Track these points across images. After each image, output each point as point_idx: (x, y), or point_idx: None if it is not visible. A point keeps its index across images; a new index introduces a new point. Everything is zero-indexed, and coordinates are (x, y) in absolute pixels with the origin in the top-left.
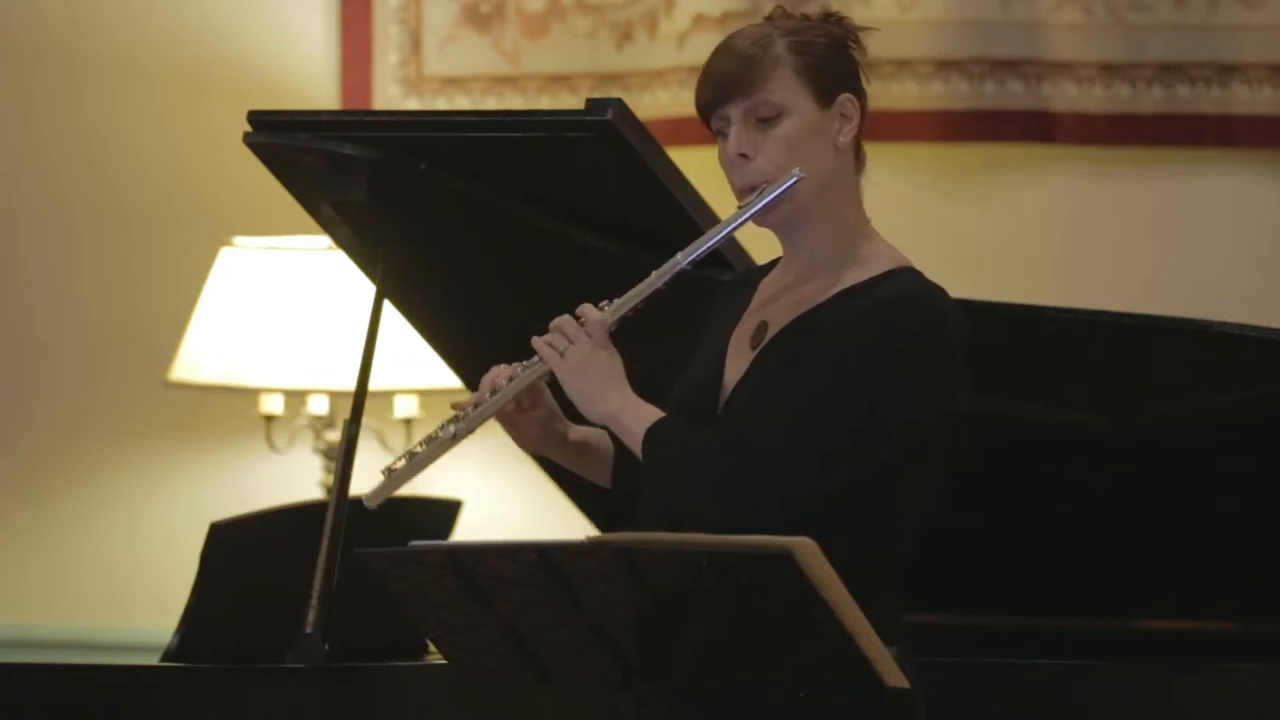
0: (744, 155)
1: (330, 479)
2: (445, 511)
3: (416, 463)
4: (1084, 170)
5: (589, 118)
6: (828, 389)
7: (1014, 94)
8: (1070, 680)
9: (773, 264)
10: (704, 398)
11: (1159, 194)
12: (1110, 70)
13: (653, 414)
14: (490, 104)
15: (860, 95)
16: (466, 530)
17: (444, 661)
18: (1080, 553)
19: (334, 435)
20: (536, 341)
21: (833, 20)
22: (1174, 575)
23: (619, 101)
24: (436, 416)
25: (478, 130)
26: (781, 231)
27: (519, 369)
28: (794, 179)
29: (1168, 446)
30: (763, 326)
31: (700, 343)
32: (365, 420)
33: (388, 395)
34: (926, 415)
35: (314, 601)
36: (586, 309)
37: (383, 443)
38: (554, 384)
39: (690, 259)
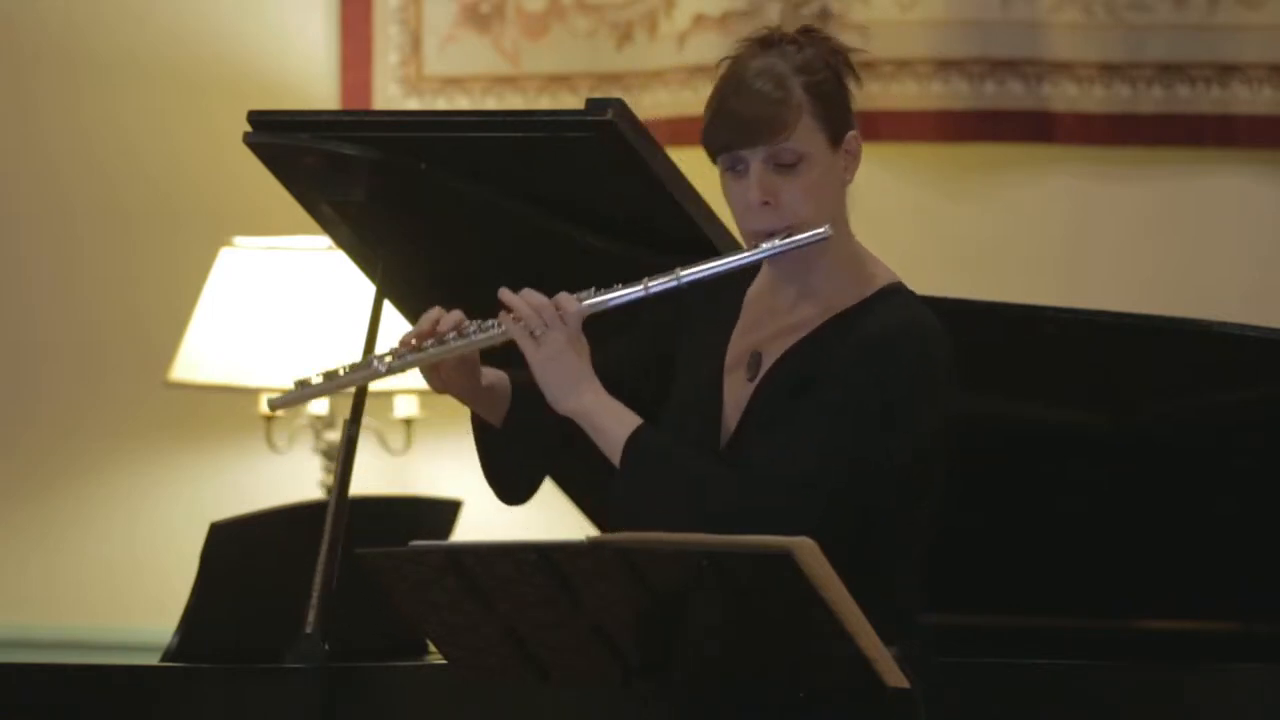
0: (767, 202)
1: (330, 479)
2: (445, 511)
3: (334, 385)
4: (1084, 170)
5: (589, 118)
6: (827, 428)
7: (1014, 94)
8: (1070, 680)
9: (757, 267)
10: (699, 424)
11: (1159, 194)
12: (1110, 70)
13: (628, 417)
14: (490, 104)
15: (855, 127)
16: (466, 530)
17: (444, 661)
18: (1080, 553)
19: (334, 435)
20: (506, 319)
21: (831, 45)
22: (1174, 575)
23: (619, 101)
24: (437, 416)
25: (478, 130)
26: (778, 267)
27: (470, 326)
28: (822, 235)
29: (1168, 446)
30: (756, 356)
31: (679, 349)
32: (365, 420)
33: (388, 395)
34: (925, 430)
35: (314, 601)
36: (564, 298)
37: (383, 443)
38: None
39: (688, 279)
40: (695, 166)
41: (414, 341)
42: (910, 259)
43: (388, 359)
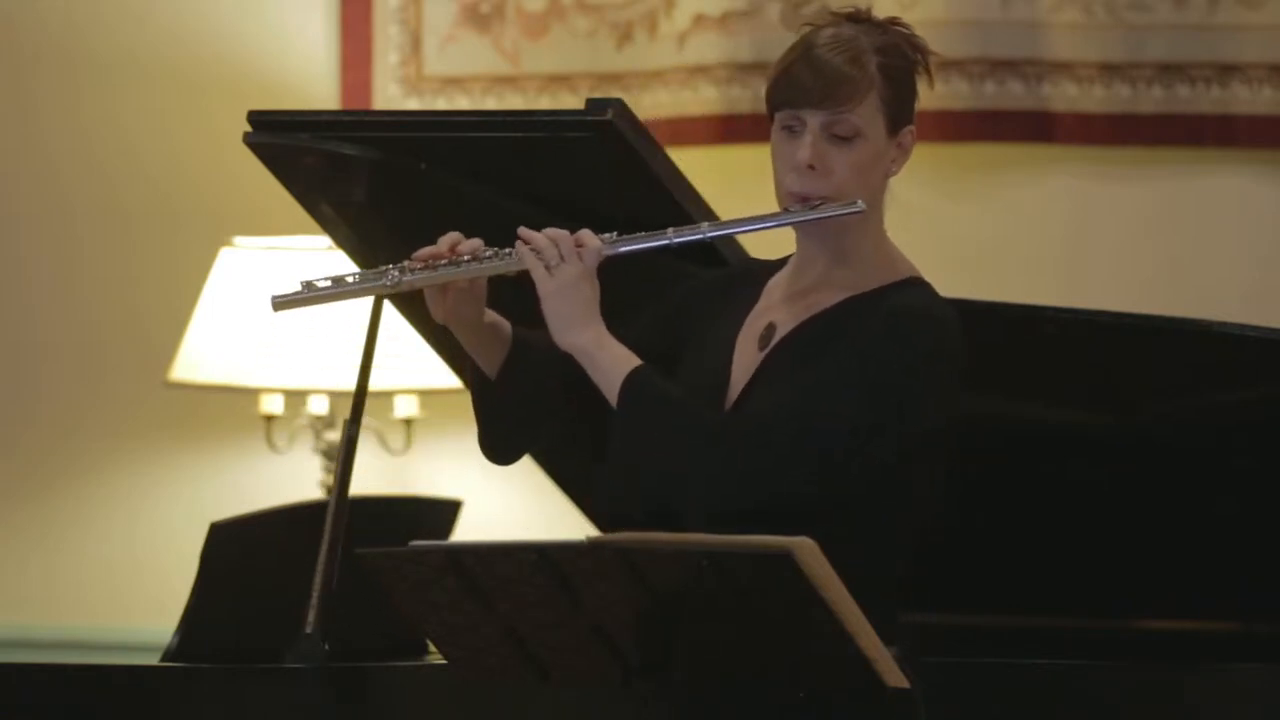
0: (813, 167)
1: (330, 479)
2: (445, 511)
3: (340, 291)
4: (1084, 170)
5: (589, 118)
6: (833, 390)
7: (1014, 94)
8: (1070, 680)
9: (780, 263)
10: (707, 389)
11: (1159, 194)
12: (1110, 70)
13: (629, 358)
14: (490, 104)
15: (914, 124)
16: (466, 530)
17: (444, 661)
18: (1080, 553)
19: (334, 435)
20: (523, 249)
21: (913, 41)
22: (1174, 575)
23: (619, 101)
24: (437, 416)
25: (478, 130)
26: (807, 238)
27: (486, 252)
28: (856, 209)
29: (1168, 446)
30: (770, 328)
31: (692, 334)
32: (365, 420)
33: (388, 395)
34: (928, 424)
35: (314, 601)
36: (585, 234)
37: (383, 443)
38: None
39: (714, 234)
40: (695, 166)
41: (428, 260)
42: (910, 259)
43: (396, 273)
